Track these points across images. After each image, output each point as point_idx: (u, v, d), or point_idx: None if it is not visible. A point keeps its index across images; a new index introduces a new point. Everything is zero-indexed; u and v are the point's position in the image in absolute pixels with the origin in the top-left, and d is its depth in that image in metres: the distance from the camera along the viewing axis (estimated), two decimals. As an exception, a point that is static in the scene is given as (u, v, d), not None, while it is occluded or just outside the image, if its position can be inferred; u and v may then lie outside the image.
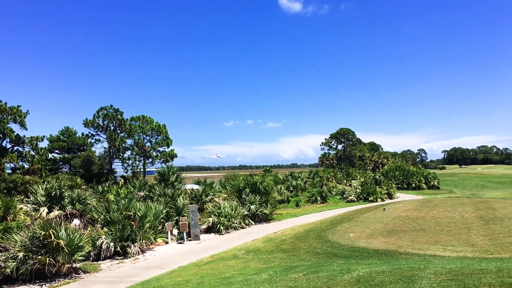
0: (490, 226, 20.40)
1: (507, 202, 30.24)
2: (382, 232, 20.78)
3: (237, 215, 27.38)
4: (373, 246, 17.43)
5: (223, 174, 77.41)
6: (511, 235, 17.84)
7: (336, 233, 21.50)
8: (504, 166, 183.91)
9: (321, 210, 37.50)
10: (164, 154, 55.99)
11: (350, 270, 10.49)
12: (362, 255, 15.68)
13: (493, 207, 26.67)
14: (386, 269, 10.22)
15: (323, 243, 19.01)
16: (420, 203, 32.26)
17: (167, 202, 26.40)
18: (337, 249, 17.40)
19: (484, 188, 74.49)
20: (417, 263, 11.97)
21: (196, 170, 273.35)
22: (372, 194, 45.96)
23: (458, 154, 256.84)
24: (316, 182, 55.32)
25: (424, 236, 19.00)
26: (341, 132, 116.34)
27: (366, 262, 13.10)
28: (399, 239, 18.51)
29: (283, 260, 15.77)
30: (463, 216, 23.61)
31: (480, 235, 18.37)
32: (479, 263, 11.36)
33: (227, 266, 15.50)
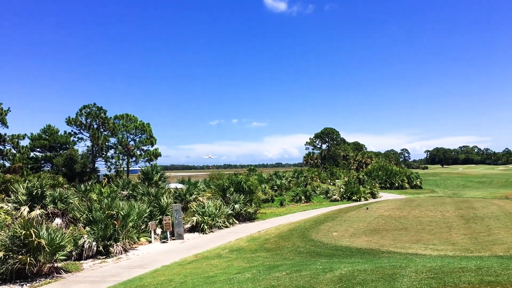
0: (470, 225, 20.72)
1: (487, 202, 30.75)
2: (365, 231, 20.96)
3: (221, 214, 27.34)
4: (356, 245, 17.58)
5: (207, 173, 77.13)
6: (491, 234, 18.15)
7: (319, 232, 21.62)
8: (484, 166, 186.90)
9: (305, 209, 37.65)
10: (148, 153, 55.63)
11: (333, 269, 10.56)
12: (345, 254, 15.80)
13: (473, 206, 27.09)
14: (368, 268, 10.31)
15: (306, 242, 19.10)
16: (402, 202, 32.61)
17: (151, 201, 26.24)
18: (320, 248, 17.51)
19: (465, 187, 75.65)
20: (399, 261, 12.09)
21: (180, 169, 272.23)
22: (355, 193, 46.30)
23: (440, 154, 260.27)
24: (301, 181, 55.52)
25: (406, 235, 19.22)
26: (326, 132, 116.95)
27: (349, 261, 13.20)
28: (382, 238, 18.70)
29: (267, 259, 15.81)
30: (444, 215, 23.93)
31: (460, 234, 18.65)
32: (459, 261, 11.52)
33: (211, 265, 15.48)
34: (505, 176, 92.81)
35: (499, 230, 18.97)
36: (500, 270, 9.16)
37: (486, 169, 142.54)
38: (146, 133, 56.11)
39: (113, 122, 52.78)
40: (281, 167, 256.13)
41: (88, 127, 50.60)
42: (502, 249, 15.20)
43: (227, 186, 31.73)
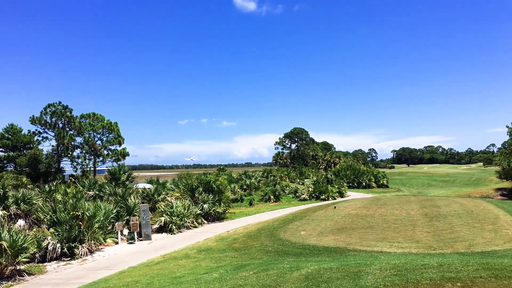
0: (434, 223, 21.25)
1: (450, 200, 31.60)
2: (333, 230, 21.22)
3: (189, 214, 27.18)
4: (323, 243, 17.78)
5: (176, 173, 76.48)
6: (453, 232, 18.67)
7: (287, 231, 21.76)
8: (448, 166, 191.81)
9: (274, 208, 37.82)
10: (116, 152, 54.71)
11: (300, 268, 10.64)
12: (312, 252, 15.95)
13: (437, 204, 27.79)
14: (334, 266, 10.43)
15: (274, 241, 19.20)
16: (369, 201, 33.15)
17: (118, 201, 25.84)
18: (288, 247, 17.62)
19: (430, 186, 77.47)
20: (364, 259, 12.29)
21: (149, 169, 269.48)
22: (324, 192, 46.80)
23: (406, 154, 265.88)
24: (270, 181, 55.70)
25: (372, 233, 19.55)
26: (295, 132, 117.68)
27: (316, 259, 13.34)
28: (348, 237, 18.96)
29: (235, 258, 15.80)
30: (409, 214, 24.45)
31: (424, 231, 19.10)
32: (422, 258, 11.80)
33: (178, 265, 15.37)
34: (467, 175, 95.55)
35: (461, 227, 19.53)
36: (461, 267, 9.43)
37: (450, 169, 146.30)
38: (114, 133, 55.18)
39: (79, 121, 51.68)
40: (251, 166, 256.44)
41: (53, 126, 49.36)
42: (464, 246, 15.66)
43: (196, 186, 31.57)
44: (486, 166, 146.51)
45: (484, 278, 8.23)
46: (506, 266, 9.38)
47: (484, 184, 75.58)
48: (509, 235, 17.52)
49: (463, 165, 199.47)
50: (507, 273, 8.61)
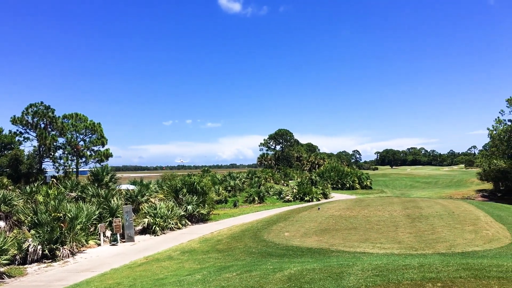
0: (416, 224, 21.47)
1: (432, 201, 31.94)
2: (316, 231, 21.30)
3: (173, 216, 27.04)
4: (306, 244, 17.84)
5: (160, 174, 76.00)
6: (434, 233, 18.89)
7: (271, 232, 21.78)
8: (431, 167, 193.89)
9: (258, 210, 37.82)
10: (99, 153, 54.12)
11: (283, 269, 10.68)
12: (296, 253, 16.01)
13: (419, 206, 28.06)
14: (317, 267, 10.49)
15: (258, 242, 19.21)
16: (353, 202, 33.34)
17: (101, 203, 25.59)
18: (272, 248, 17.65)
19: (412, 188, 78.32)
20: (347, 260, 12.38)
21: (133, 170, 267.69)
22: (308, 194, 46.95)
23: (390, 156, 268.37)
24: (254, 182, 55.71)
25: (355, 234, 19.68)
26: (280, 133, 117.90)
27: (299, 260, 13.40)
28: (332, 238, 19.06)
29: (218, 260, 15.78)
30: (392, 215, 24.66)
31: (406, 232, 19.29)
32: (403, 259, 11.93)
33: (161, 267, 15.29)
34: (449, 177, 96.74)
35: (442, 228, 19.77)
36: (441, 267, 9.56)
37: (432, 170, 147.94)
38: (97, 133, 54.57)
39: (62, 121, 50.95)
40: (235, 168, 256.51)
41: (34, 126, 48.61)
42: (444, 246, 15.87)
43: (180, 187, 31.43)
44: (468, 168, 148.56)
45: (464, 278, 8.37)
46: (485, 266, 9.54)
47: (465, 185, 76.66)
48: (489, 236, 17.80)
49: (445, 166, 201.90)
50: (486, 273, 8.76)
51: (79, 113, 54.37)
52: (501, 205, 31.78)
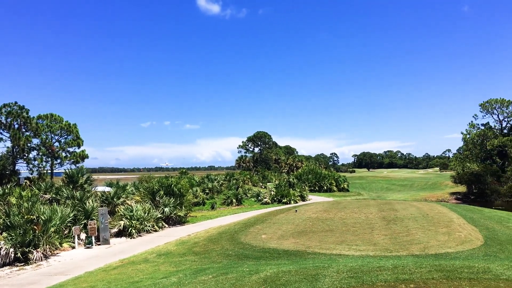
0: (391, 226, 21.76)
1: (407, 204, 32.43)
2: (293, 233, 21.39)
3: (150, 218, 26.80)
4: (283, 247, 17.89)
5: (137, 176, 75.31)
6: (409, 235, 19.17)
7: (249, 234, 21.78)
8: (406, 170, 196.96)
9: (236, 212, 37.79)
10: (75, 154, 53.28)
11: (259, 271, 10.69)
12: (272, 256, 16.04)
13: (395, 208, 28.45)
14: (292, 269, 10.54)
15: (235, 245, 19.18)
16: (330, 204, 33.59)
17: (75, 205, 25.20)
18: (248, 250, 17.65)
19: (388, 190, 79.44)
20: (323, 262, 12.47)
21: (109, 172, 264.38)
22: (286, 196, 47.14)
23: (367, 158, 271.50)
24: (232, 184, 55.64)
25: (331, 236, 19.83)
26: (258, 135, 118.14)
27: (275, 263, 13.43)
28: (308, 240, 19.16)
29: (195, 262, 15.71)
30: (368, 217, 24.94)
31: (381, 234, 19.53)
32: (378, 261, 12.08)
33: (137, 270, 15.13)
34: (424, 180, 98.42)
35: (416, 230, 20.08)
36: (414, 269, 9.72)
37: (408, 173, 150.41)
38: (73, 134, 53.73)
39: (36, 122, 49.99)
40: (213, 170, 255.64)
41: (8, 127, 47.55)
42: (418, 248, 16.12)
43: (157, 189, 31.17)
44: (442, 171, 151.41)
45: (436, 280, 8.52)
46: (457, 268, 9.74)
47: (440, 188, 78.09)
48: (461, 237, 18.16)
49: (420, 169, 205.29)
50: (458, 274, 8.94)
51: (54, 113, 53.45)
52: (474, 208, 32.45)
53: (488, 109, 75.88)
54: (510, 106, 73.79)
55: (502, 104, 74.22)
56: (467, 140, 77.20)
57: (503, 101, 73.93)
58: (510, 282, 8.20)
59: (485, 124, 77.93)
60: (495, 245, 16.58)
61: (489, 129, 75.65)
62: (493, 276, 8.73)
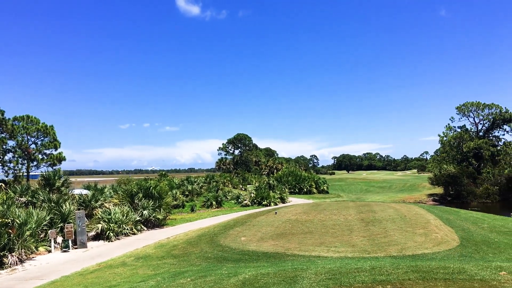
0: (369, 227, 21.98)
1: (386, 205, 32.79)
2: (273, 235, 21.42)
3: (128, 221, 26.53)
4: (262, 249, 17.90)
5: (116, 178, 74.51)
6: (387, 236, 19.39)
7: (228, 237, 21.74)
8: (385, 172, 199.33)
9: (216, 214, 37.69)
10: (51, 157, 52.44)
11: (237, 273, 10.67)
12: (252, 258, 16.04)
13: (373, 209, 28.75)
14: (271, 271, 10.55)
15: (214, 247, 19.12)
16: (309, 206, 33.76)
17: (52, 208, 24.75)
18: (228, 253, 17.61)
19: (367, 192, 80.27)
20: (302, 264, 12.51)
21: (87, 174, 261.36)
22: (266, 198, 47.22)
23: (346, 160, 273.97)
24: (212, 186, 55.53)
25: (311, 238, 19.92)
26: (238, 138, 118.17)
27: (254, 265, 13.43)
28: (288, 242, 19.22)
29: (173, 266, 15.60)
30: (346, 219, 25.14)
31: (360, 236, 19.71)
32: (356, 262, 12.18)
33: (114, 274, 14.95)
34: (402, 182, 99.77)
35: (394, 232, 20.33)
36: (392, 270, 9.81)
37: (387, 175, 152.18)
38: (49, 136, 52.87)
39: (12, 123, 49.03)
40: (193, 172, 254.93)
41: (-18, 128, 46.61)
42: (396, 249, 16.31)
43: (136, 191, 30.87)
44: (420, 173, 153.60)
45: (412, 280, 8.62)
46: (433, 268, 9.88)
47: (417, 190, 79.24)
48: (438, 239, 18.44)
49: (399, 171, 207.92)
50: (434, 275, 9.06)
51: (30, 115, 52.50)
52: (450, 209, 33.02)
53: (464, 112, 77.40)
54: (485, 109, 75.41)
55: (478, 107, 75.79)
56: (444, 142, 78.60)
57: (479, 104, 75.49)
58: (484, 282, 8.33)
59: (462, 126, 79.48)
60: (470, 246, 16.88)
61: (465, 132, 77.15)
62: (468, 276, 8.86)
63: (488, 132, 77.25)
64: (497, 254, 15.21)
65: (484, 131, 77.29)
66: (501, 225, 22.56)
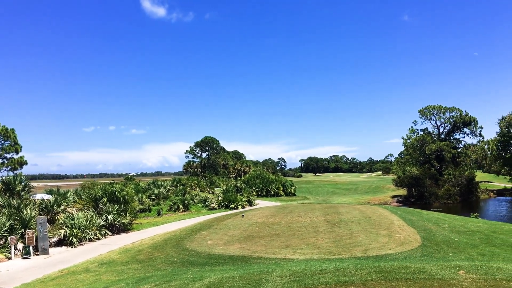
0: (335, 229, 22.25)
1: (351, 207, 33.29)
2: (239, 238, 21.41)
3: (92, 226, 25.97)
4: (229, 252, 17.87)
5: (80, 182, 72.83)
6: (352, 237, 19.68)
7: (194, 241, 21.59)
8: (351, 174, 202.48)
9: (182, 218, 37.35)
10: (12, 161, 50.86)
11: (203, 277, 10.61)
12: (218, 261, 15.98)
13: (339, 211, 29.12)
14: (237, 275, 10.53)
15: (180, 251, 18.95)
16: (276, 209, 33.90)
17: (12, 213, 23.98)
18: (194, 257, 17.48)
19: (334, 194, 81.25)
20: (267, 267, 12.55)
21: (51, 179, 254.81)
22: (233, 201, 47.13)
23: (314, 163, 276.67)
24: (179, 190, 55.03)
25: (277, 240, 20.01)
26: (206, 141, 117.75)
27: (220, 269, 13.38)
28: (254, 245, 19.24)
29: (138, 271, 15.36)
30: (313, 221, 25.37)
31: (326, 238, 19.93)
32: (321, 264, 12.30)
33: (77, 280, 14.61)
34: (368, 183, 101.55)
35: (359, 233, 20.66)
36: (355, 271, 9.97)
37: (353, 177, 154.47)
38: (10, 140, 51.29)
39: (-29, 126, 47.44)
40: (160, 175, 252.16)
41: None
42: (360, 250, 16.58)
43: (100, 196, 30.26)
44: (385, 175, 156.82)
45: (374, 281, 8.78)
46: (395, 269, 10.08)
47: (382, 191, 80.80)
48: (401, 239, 18.85)
49: (364, 173, 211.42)
50: (395, 275, 9.25)
51: (-10, 118, 50.81)
52: (413, 210, 33.79)
53: (426, 115, 79.61)
54: (446, 113, 77.77)
55: (439, 111, 78.10)
56: (407, 145, 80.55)
57: (440, 107, 77.78)
58: (443, 281, 8.57)
59: (424, 129, 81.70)
60: (431, 246, 17.32)
61: (427, 135, 79.30)
62: (428, 276, 9.09)
63: (449, 134, 79.69)
64: (456, 253, 15.66)
65: (445, 133, 79.67)
66: (461, 225, 23.23)
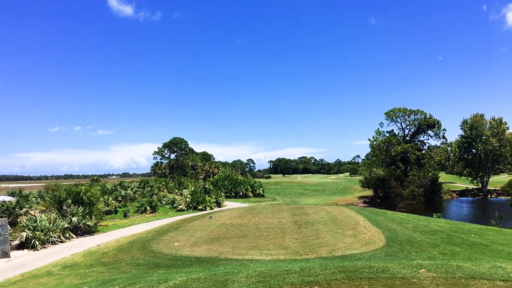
0: (302, 230, 22.45)
1: (318, 208, 33.65)
2: (206, 240, 21.33)
3: (56, 228, 25.36)
4: (196, 254, 17.78)
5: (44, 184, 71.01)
6: (318, 238, 19.90)
7: (161, 242, 21.38)
8: (319, 176, 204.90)
9: (150, 220, 36.94)
10: (-28, 161, 49.33)
11: (168, 279, 10.53)
12: (184, 263, 15.87)
13: (306, 212, 29.39)
14: (202, 276, 10.50)
15: (146, 253, 18.74)
16: (244, 210, 33.95)
17: (-30, 216, 23.24)
18: (160, 259, 17.32)
19: (302, 195, 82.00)
20: (234, 268, 12.55)
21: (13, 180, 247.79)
22: (201, 202, 46.95)
23: (282, 164, 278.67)
24: (147, 191, 54.42)
25: (244, 241, 20.03)
26: (174, 141, 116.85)
27: (186, 270, 13.30)
28: (221, 246, 19.21)
29: (102, 274, 15.09)
30: (280, 222, 25.53)
31: (293, 238, 20.08)
32: (287, 264, 12.40)
33: (38, 284, 14.24)
34: (335, 185, 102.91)
35: (325, 233, 20.91)
36: (320, 271, 10.09)
37: (321, 178, 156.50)
38: (-30, 139, 49.72)
39: None
40: (128, 177, 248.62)
41: None
42: (326, 251, 16.78)
43: (65, 197, 29.58)
44: (352, 176, 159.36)
45: (338, 280, 8.92)
46: (359, 268, 10.26)
47: (349, 192, 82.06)
48: (366, 239, 19.18)
49: (332, 175, 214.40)
50: (359, 275, 9.42)
51: None
52: (379, 210, 34.44)
53: (392, 118, 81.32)
54: (411, 115, 79.64)
55: (404, 113, 79.90)
56: (374, 146, 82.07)
57: (406, 110, 79.60)
58: (405, 280, 8.78)
59: (390, 131, 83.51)
60: (395, 245, 17.68)
61: (393, 136, 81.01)
62: (390, 275, 9.29)
63: (414, 136, 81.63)
64: (419, 252, 16.04)
65: (410, 135, 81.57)
66: (424, 225, 23.82)
